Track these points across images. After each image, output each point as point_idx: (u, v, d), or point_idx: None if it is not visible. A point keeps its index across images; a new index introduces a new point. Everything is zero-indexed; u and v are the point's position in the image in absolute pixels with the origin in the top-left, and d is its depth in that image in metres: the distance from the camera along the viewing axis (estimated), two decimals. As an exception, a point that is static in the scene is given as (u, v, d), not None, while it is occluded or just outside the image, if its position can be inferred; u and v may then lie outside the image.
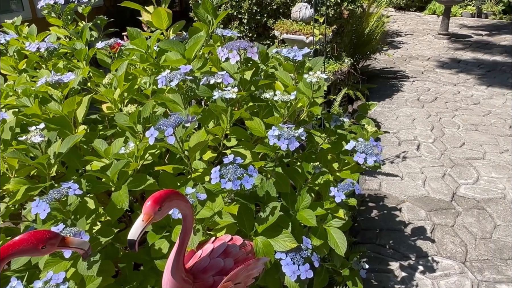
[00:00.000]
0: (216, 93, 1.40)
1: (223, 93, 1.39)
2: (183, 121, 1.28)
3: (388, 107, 4.67)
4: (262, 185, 1.45)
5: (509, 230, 2.53)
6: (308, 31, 3.29)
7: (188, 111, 1.41)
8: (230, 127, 1.50)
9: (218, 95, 1.38)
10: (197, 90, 1.52)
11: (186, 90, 1.52)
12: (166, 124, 1.24)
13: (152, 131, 1.24)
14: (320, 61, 1.94)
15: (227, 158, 1.33)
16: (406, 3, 11.27)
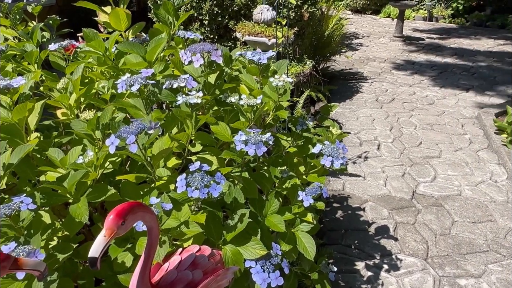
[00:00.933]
0: (180, 97, 1.34)
1: (187, 98, 1.34)
2: (146, 128, 1.22)
3: (349, 108, 4.77)
4: (230, 191, 1.42)
5: (466, 226, 2.64)
6: (270, 33, 3.29)
7: (150, 117, 1.35)
8: (195, 133, 1.45)
9: (182, 100, 1.33)
10: (159, 94, 1.46)
11: (148, 95, 1.45)
12: (128, 132, 1.18)
13: (113, 139, 1.17)
14: (284, 64, 1.93)
15: (193, 165, 1.28)
16: (362, 6, 11.60)
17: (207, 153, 1.52)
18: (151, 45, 1.61)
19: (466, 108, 4.82)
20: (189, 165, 1.30)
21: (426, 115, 4.56)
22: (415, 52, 7.62)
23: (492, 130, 3.99)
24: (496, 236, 2.54)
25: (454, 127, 4.23)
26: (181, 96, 1.35)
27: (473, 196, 2.97)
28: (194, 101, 1.32)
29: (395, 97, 5.16)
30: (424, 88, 5.58)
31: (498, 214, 2.76)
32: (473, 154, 3.64)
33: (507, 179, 3.22)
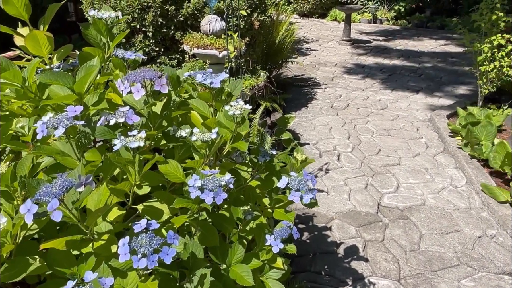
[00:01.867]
0: (118, 141, 1.10)
1: (126, 141, 1.09)
2: (74, 186, 0.97)
3: (305, 116, 4.66)
4: (186, 248, 1.19)
5: (434, 239, 2.57)
6: (220, 45, 3.08)
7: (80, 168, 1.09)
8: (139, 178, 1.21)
9: (121, 144, 1.09)
10: (92, 135, 1.20)
11: (79, 137, 1.19)
12: (49, 194, 0.92)
13: (29, 205, 0.91)
14: (239, 84, 1.72)
15: (138, 224, 1.04)
16: (309, 10, 11.70)
17: (156, 201, 1.28)
18: (80, 73, 1.35)
19: (418, 110, 4.87)
20: (132, 224, 1.06)
21: (381, 120, 4.54)
22: (363, 55, 7.72)
23: (447, 133, 4.02)
24: (465, 248, 2.49)
25: (410, 131, 4.24)
26: (119, 139, 1.11)
27: (437, 205, 2.92)
28: (135, 145, 1.08)
29: (349, 103, 5.12)
30: (376, 91, 5.61)
31: (463, 222, 2.72)
32: (431, 159, 3.63)
33: (466, 183, 3.22)
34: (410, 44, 8.62)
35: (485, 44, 4.20)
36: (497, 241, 2.54)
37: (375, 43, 8.74)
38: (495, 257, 2.40)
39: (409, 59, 7.40)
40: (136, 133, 1.14)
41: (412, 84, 5.95)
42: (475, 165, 3.36)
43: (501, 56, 4.18)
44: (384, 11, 10.93)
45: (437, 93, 5.53)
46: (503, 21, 4.10)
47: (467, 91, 5.59)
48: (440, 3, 10.65)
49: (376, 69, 6.79)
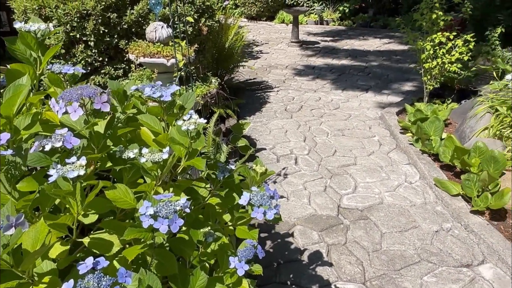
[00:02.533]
0: (54, 170, 0.97)
1: (64, 170, 0.96)
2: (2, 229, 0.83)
3: (260, 121, 4.61)
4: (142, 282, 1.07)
5: (394, 237, 2.59)
6: (168, 52, 2.95)
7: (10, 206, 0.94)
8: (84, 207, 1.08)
9: (57, 174, 0.96)
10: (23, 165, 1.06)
11: (7, 168, 1.04)
12: (-29, 241, 0.78)
13: None
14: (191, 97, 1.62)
15: (83, 264, 0.92)
16: (257, 13, 11.72)
17: (104, 232, 1.15)
18: (7, 94, 1.19)
19: (369, 109, 4.98)
20: (77, 264, 0.93)
21: (335, 121, 4.59)
22: (313, 56, 7.83)
23: (397, 130, 4.13)
24: (424, 243, 2.53)
25: (363, 130, 4.31)
26: (55, 168, 0.97)
27: (394, 202, 2.97)
28: (74, 175, 0.96)
29: (302, 105, 5.14)
30: (328, 92, 5.68)
31: (420, 218, 2.78)
32: (385, 156, 3.70)
33: (420, 179, 3.30)
34: (356, 44, 8.87)
35: (427, 42, 4.36)
36: (453, 234, 2.61)
37: (323, 44, 8.90)
38: (452, 250, 2.46)
39: (357, 58, 7.60)
40: (75, 159, 1.01)
41: (361, 83, 6.10)
42: (426, 160, 3.46)
43: (442, 53, 4.36)
44: (330, 12, 11.19)
45: (385, 91, 5.69)
46: (442, 20, 4.28)
47: (412, 87, 5.80)
48: (381, 3, 11.07)
49: (326, 69, 6.90)
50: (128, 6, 3.55)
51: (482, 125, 3.50)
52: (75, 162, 0.99)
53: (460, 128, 3.81)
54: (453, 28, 4.62)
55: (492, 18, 5.71)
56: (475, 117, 3.62)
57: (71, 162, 1.00)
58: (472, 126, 3.60)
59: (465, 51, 4.28)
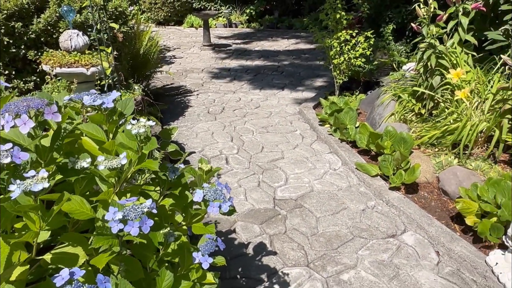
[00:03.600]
0: (15, 186, 0.93)
1: (26, 184, 0.93)
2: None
3: (185, 125, 4.60)
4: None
5: (328, 220, 2.81)
6: (87, 61, 2.83)
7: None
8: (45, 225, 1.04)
9: (20, 189, 0.92)
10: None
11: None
12: None
13: None
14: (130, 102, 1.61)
15: (59, 277, 0.90)
16: (164, 18, 11.55)
17: (67, 245, 1.12)
18: None
19: (287, 105, 5.25)
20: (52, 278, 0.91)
21: (258, 119, 4.76)
22: (227, 58, 7.97)
23: (316, 123, 4.43)
24: (354, 222, 2.78)
25: (285, 126, 4.54)
26: (15, 184, 0.93)
27: (323, 189, 3.20)
28: (39, 188, 0.93)
29: (224, 106, 5.24)
30: (247, 92, 5.85)
31: (348, 200, 3.04)
32: (309, 148, 3.95)
33: (342, 165, 3.59)
34: (266, 44, 9.21)
35: (334, 40, 4.73)
36: (378, 210, 2.90)
37: (235, 46, 9.10)
38: (379, 225, 2.74)
39: (269, 58, 7.91)
40: (33, 173, 0.98)
41: (276, 81, 6.38)
42: (346, 148, 3.77)
43: (348, 50, 4.77)
44: (237, 15, 11.45)
45: (299, 88, 6.03)
46: (345, 19, 4.68)
47: (323, 82, 6.23)
48: (285, 5, 11.62)
49: (241, 71, 7.08)
50: (33, 14, 3.32)
51: (389, 112, 3.91)
52: (34, 175, 0.96)
53: (371, 116, 4.22)
54: (354, 26, 5.08)
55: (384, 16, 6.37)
56: (382, 105, 4.03)
57: (30, 176, 0.96)
58: (380, 113, 4.01)
59: (366, 46, 4.73)
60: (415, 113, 3.74)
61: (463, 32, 3.49)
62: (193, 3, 11.68)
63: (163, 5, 11.27)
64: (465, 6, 3.49)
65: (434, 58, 3.46)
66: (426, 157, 3.22)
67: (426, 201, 2.92)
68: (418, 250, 2.49)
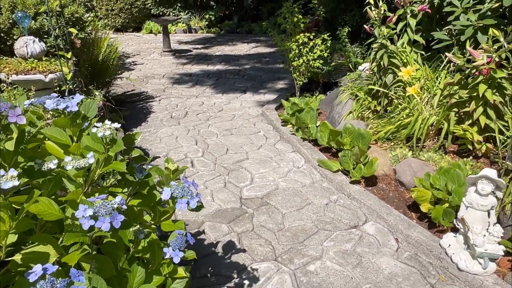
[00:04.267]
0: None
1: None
2: None
3: (148, 131, 4.58)
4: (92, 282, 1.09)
5: (294, 215, 2.90)
6: (45, 68, 2.78)
7: None
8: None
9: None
10: None
11: None
12: None
13: None
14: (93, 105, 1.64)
15: (32, 273, 0.92)
16: (122, 25, 11.38)
17: (37, 245, 1.13)
18: None
19: (250, 108, 5.33)
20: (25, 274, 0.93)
21: (221, 122, 4.81)
22: (188, 64, 7.97)
23: (279, 123, 4.54)
24: (318, 216, 2.89)
25: (248, 128, 4.62)
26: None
27: (288, 186, 3.30)
28: (10, 186, 0.94)
29: (187, 111, 5.25)
30: (209, 96, 5.89)
31: (311, 195, 3.15)
32: (273, 148, 4.05)
33: (305, 163, 3.71)
34: (227, 49, 9.29)
35: (293, 42, 4.87)
36: (340, 203, 3.03)
37: (196, 51, 9.11)
38: (342, 217, 2.86)
39: (230, 63, 7.98)
40: (3, 173, 0.99)
41: (238, 85, 6.46)
42: (308, 146, 3.90)
43: (306, 52, 4.92)
44: (197, 20, 11.46)
45: (261, 90, 6.14)
46: (302, 23, 4.83)
47: (284, 85, 6.37)
48: (244, 10, 11.76)
49: (203, 75, 7.11)
50: (-15, 21, 3.22)
51: (347, 110, 4.08)
52: (4, 175, 0.98)
53: (330, 115, 4.37)
54: (312, 29, 5.25)
55: (339, 19, 6.62)
56: (341, 104, 4.20)
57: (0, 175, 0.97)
58: (339, 112, 4.18)
59: (324, 48, 4.90)
60: (371, 110, 3.92)
61: (412, 33, 3.72)
62: (151, 9, 11.58)
63: (120, 12, 11.10)
64: (412, 8, 3.72)
65: (386, 57, 3.66)
66: (383, 151, 3.39)
67: (384, 193, 3.08)
68: (378, 238, 2.62)
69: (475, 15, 3.32)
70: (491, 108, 2.98)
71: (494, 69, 2.87)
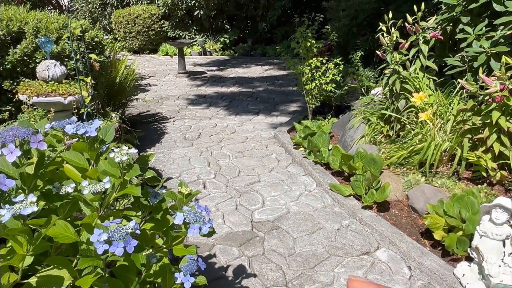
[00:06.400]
0: (5, 210, 0.98)
1: (16, 208, 0.98)
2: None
3: (161, 151, 4.65)
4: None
5: (305, 240, 2.88)
6: (64, 90, 2.88)
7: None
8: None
9: (10, 213, 0.97)
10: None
11: None
12: None
13: None
14: (111, 129, 1.68)
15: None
16: (139, 47, 11.67)
17: (52, 268, 1.16)
18: None
19: (262, 130, 5.37)
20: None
21: (234, 144, 4.86)
22: (202, 85, 8.10)
23: (291, 146, 4.56)
24: (330, 241, 2.87)
25: (261, 150, 4.65)
26: (5, 208, 0.98)
27: (299, 210, 3.29)
28: (29, 212, 0.98)
29: (201, 132, 5.32)
30: (223, 118, 5.96)
31: (323, 220, 3.13)
32: (284, 171, 4.06)
33: (316, 186, 3.70)
34: (240, 71, 9.43)
35: (306, 66, 4.94)
36: (352, 229, 3.01)
37: (210, 73, 9.27)
38: (353, 243, 2.84)
39: (243, 85, 8.10)
40: (22, 198, 1.03)
41: (251, 107, 6.53)
42: (320, 169, 3.90)
43: (319, 76, 4.98)
44: (212, 43, 11.70)
45: (274, 113, 6.20)
46: (315, 47, 4.90)
47: (297, 107, 6.42)
48: (258, 33, 11.97)
49: (217, 97, 7.21)
50: (9, 45, 3.36)
51: (360, 134, 4.09)
52: (23, 200, 1.01)
53: (343, 138, 4.38)
54: (324, 53, 5.32)
55: (352, 44, 6.69)
56: (353, 128, 4.21)
57: (19, 201, 1.01)
58: (351, 136, 4.18)
59: (336, 72, 4.95)
60: (383, 135, 3.92)
61: (424, 59, 3.75)
62: (167, 32, 11.88)
63: (137, 34, 11.41)
64: (424, 35, 3.76)
65: (399, 83, 3.68)
66: (396, 176, 3.37)
67: (397, 219, 3.05)
68: (391, 266, 2.59)
69: (487, 42, 3.34)
70: (505, 135, 2.96)
71: (508, 96, 2.87)
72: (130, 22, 11.31)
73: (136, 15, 11.26)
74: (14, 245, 1.06)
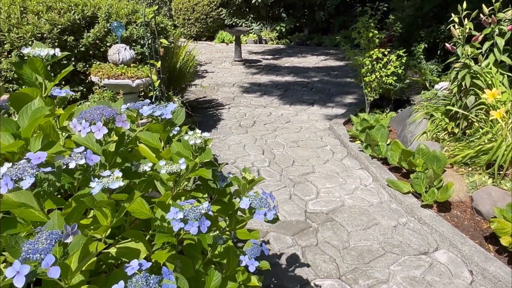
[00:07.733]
0: (95, 184, 1.05)
1: (104, 182, 1.05)
2: (62, 237, 0.90)
3: (217, 137, 4.74)
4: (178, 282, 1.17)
5: (360, 235, 2.84)
6: (132, 73, 3.01)
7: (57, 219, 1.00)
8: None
9: (99, 186, 1.04)
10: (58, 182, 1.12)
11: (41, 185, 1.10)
12: (39, 250, 0.85)
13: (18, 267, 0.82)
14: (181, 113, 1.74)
15: (130, 267, 1.01)
16: (197, 33, 11.90)
17: (130, 240, 1.23)
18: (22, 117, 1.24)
19: (317, 121, 5.32)
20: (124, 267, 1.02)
21: (288, 133, 4.85)
22: (257, 74, 8.13)
23: (347, 139, 4.47)
24: (386, 237, 2.80)
25: (315, 141, 4.61)
26: (95, 182, 1.05)
27: (355, 204, 3.24)
28: (116, 186, 1.04)
29: (255, 120, 5.36)
30: (277, 107, 5.96)
31: (379, 216, 3.06)
32: (339, 163, 4.00)
33: (373, 181, 3.62)
34: (296, 61, 9.35)
35: (366, 58, 4.80)
36: (409, 227, 2.92)
37: (265, 62, 9.28)
38: (411, 241, 2.75)
39: (298, 75, 8.03)
40: (109, 173, 1.10)
41: (306, 97, 6.47)
42: (376, 164, 3.80)
43: (379, 68, 4.82)
44: (268, 31, 11.68)
45: (329, 104, 6.10)
46: (377, 38, 4.74)
47: (353, 99, 6.28)
48: (315, 22, 11.77)
49: (272, 86, 7.21)
50: (84, 29, 3.55)
51: (421, 130, 3.93)
52: (110, 175, 1.08)
53: (402, 133, 4.23)
54: (386, 44, 5.13)
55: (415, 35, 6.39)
56: (414, 123, 4.05)
57: (106, 176, 1.08)
58: (412, 131, 4.03)
59: (398, 65, 4.77)
60: (447, 132, 3.74)
61: (499, 53, 3.50)
62: (225, 19, 12.00)
63: (196, 21, 11.63)
64: (501, 27, 3.51)
65: (469, 78, 3.48)
66: (459, 176, 3.22)
67: (459, 220, 2.91)
68: (451, 268, 2.49)
69: None
70: None
71: None
72: (189, 9, 11.55)
73: (195, 2, 11.47)
74: (99, 216, 1.14)
